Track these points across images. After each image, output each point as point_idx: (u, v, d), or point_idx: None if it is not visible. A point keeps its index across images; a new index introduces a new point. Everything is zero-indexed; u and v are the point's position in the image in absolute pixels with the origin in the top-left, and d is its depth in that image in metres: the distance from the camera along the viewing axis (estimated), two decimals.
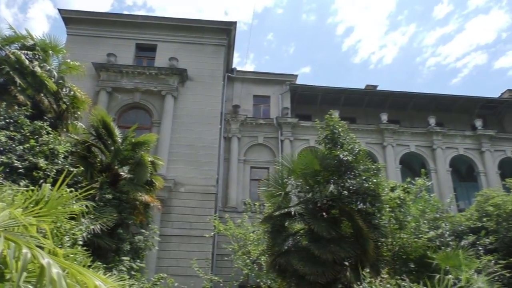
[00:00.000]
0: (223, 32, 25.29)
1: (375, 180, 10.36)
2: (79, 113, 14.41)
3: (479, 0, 76.45)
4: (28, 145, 10.33)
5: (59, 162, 10.77)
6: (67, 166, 10.46)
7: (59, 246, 5.70)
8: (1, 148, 10.07)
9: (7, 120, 11.00)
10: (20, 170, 9.82)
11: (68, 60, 14.59)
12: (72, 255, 5.41)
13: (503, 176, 24.64)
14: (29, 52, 13.20)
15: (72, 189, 5.24)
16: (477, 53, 77.90)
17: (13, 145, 10.28)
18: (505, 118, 30.12)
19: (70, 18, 24.33)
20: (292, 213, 10.10)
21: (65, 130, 13.57)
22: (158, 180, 13.82)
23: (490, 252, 13.15)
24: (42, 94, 12.82)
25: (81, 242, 7.31)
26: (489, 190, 17.75)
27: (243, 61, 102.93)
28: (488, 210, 15.44)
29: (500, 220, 14.89)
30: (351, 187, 10.22)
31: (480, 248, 12.76)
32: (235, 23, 25.22)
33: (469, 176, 27.94)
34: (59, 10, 24.08)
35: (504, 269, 12.05)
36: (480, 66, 78.42)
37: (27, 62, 12.66)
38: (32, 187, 4.56)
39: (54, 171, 9.98)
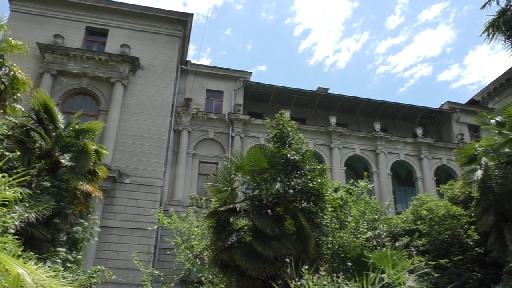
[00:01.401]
0: (179, 23, 24.82)
1: (319, 180, 10.61)
2: (19, 95, 13.49)
3: (428, 15, 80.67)
4: None
5: None
6: (1, 150, 9.86)
7: None
8: None
9: None
10: None
11: (10, 38, 13.66)
12: (1, 244, 5.11)
13: (438, 182, 26.32)
14: None
15: (6, 174, 4.95)
16: (423, 65, 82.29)
17: None
18: (443, 128, 32.06)
19: None
20: (238, 209, 10.11)
21: (2, 112, 12.71)
22: (102, 170, 13.34)
23: (422, 253, 13.98)
24: None
25: (12, 231, 6.92)
26: (425, 195, 18.80)
27: (199, 54, 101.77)
28: (422, 213, 16.35)
29: (433, 223, 15.84)
30: (296, 186, 10.40)
31: (413, 249, 13.54)
32: (191, 14, 24.89)
33: (408, 181, 29.52)
34: None
35: (433, 269, 12.85)
36: (425, 78, 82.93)
37: None
38: None
39: None
